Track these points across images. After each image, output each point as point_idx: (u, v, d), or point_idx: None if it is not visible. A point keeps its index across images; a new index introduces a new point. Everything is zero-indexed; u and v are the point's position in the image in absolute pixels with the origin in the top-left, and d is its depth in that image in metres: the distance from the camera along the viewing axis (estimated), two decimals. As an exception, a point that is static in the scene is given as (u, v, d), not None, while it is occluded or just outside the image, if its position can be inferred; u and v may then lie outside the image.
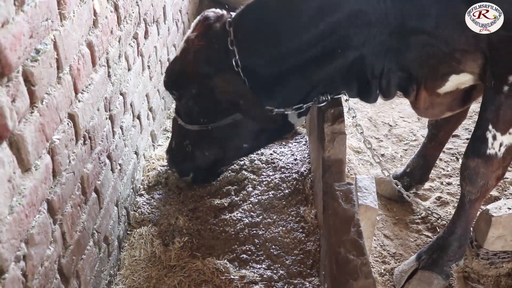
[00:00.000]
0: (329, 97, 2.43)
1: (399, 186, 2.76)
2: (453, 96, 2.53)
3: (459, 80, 2.38)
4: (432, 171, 3.31)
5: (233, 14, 2.43)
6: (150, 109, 3.27)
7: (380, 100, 4.28)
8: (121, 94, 2.58)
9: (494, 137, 2.29)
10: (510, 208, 2.67)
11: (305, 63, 2.35)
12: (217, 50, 2.37)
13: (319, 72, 2.38)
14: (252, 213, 2.89)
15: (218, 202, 2.97)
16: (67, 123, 1.83)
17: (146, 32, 3.08)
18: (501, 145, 2.30)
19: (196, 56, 2.40)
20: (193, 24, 2.49)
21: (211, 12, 2.46)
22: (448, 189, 3.35)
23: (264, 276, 2.51)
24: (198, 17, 2.50)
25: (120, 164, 2.61)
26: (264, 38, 2.37)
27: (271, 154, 3.33)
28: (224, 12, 2.47)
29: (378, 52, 2.31)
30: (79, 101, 1.95)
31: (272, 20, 2.35)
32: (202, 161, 2.84)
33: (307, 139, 3.49)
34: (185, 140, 2.78)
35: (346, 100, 2.48)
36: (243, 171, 3.17)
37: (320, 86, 2.43)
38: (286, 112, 2.47)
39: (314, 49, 2.31)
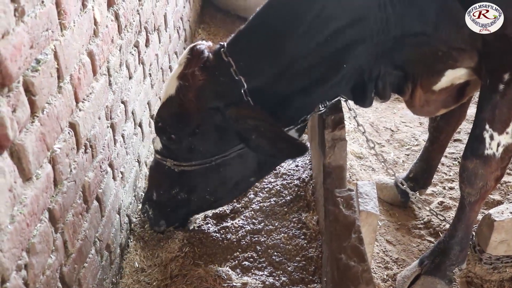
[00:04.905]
0: (327, 103, 2.44)
1: (404, 186, 2.75)
2: (447, 92, 2.53)
3: (455, 75, 2.39)
4: (434, 176, 3.31)
5: (224, 43, 2.33)
6: (152, 117, 3.28)
7: (382, 105, 4.33)
8: (122, 102, 2.59)
9: (492, 137, 2.29)
10: (512, 213, 2.67)
11: (312, 79, 2.31)
12: (224, 82, 2.25)
13: (325, 85, 2.35)
14: (254, 220, 2.89)
15: (220, 209, 2.97)
16: (68, 132, 1.84)
17: (147, 40, 3.10)
18: (498, 145, 2.30)
19: (201, 92, 2.26)
20: (181, 60, 2.35)
21: (201, 45, 2.35)
22: (450, 194, 3.34)
23: (266, 283, 2.51)
24: (188, 51, 2.36)
25: (122, 172, 2.62)
26: (268, 62, 2.28)
27: (272, 160, 3.34)
28: (210, 43, 2.39)
29: (376, 55, 2.31)
30: (80, 110, 1.96)
31: (274, 44, 2.26)
32: (200, 205, 2.67)
33: (309, 145, 3.49)
34: (176, 187, 2.55)
35: (346, 101, 2.48)
36: (245, 177, 3.18)
37: (323, 97, 2.43)
38: (292, 129, 2.42)
39: (321, 64, 2.27)
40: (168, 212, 2.67)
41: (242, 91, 2.23)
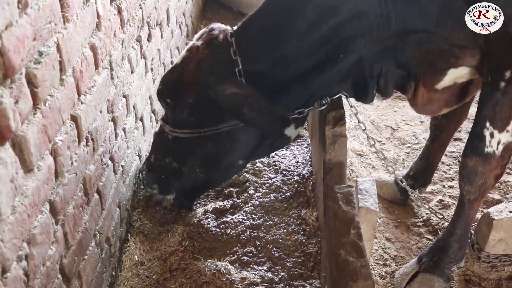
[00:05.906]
0: (328, 100, 2.45)
1: (404, 184, 2.76)
2: (450, 91, 2.55)
3: (457, 74, 2.40)
4: (434, 174, 3.32)
5: (235, 28, 2.44)
6: (153, 111, 3.29)
7: (382, 103, 4.33)
8: (124, 96, 2.60)
9: (492, 135, 2.29)
10: (511, 212, 2.67)
11: (307, 69, 2.35)
12: (222, 60, 2.36)
13: (321, 77, 2.38)
14: (253, 215, 2.90)
15: (220, 204, 2.98)
16: (70, 125, 1.85)
17: (149, 35, 3.10)
18: (498, 143, 2.30)
19: (200, 65, 2.38)
20: (197, 35, 2.50)
21: (216, 25, 2.48)
22: (450, 192, 3.35)
23: (265, 278, 2.52)
24: (204, 29, 2.51)
25: (122, 166, 2.63)
26: (266, 47, 2.36)
27: (273, 156, 3.35)
28: (228, 27, 2.49)
29: (377, 52, 2.32)
30: (81, 103, 1.96)
31: (274, 29, 2.34)
32: (189, 180, 2.72)
33: (309, 142, 3.50)
34: (171, 155, 2.66)
35: (347, 98, 2.50)
36: (245, 173, 3.19)
37: (320, 90, 2.45)
38: (291, 125, 2.49)
39: (317, 54, 2.31)
40: (161, 179, 2.78)
41: (236, 70, 2.32)
